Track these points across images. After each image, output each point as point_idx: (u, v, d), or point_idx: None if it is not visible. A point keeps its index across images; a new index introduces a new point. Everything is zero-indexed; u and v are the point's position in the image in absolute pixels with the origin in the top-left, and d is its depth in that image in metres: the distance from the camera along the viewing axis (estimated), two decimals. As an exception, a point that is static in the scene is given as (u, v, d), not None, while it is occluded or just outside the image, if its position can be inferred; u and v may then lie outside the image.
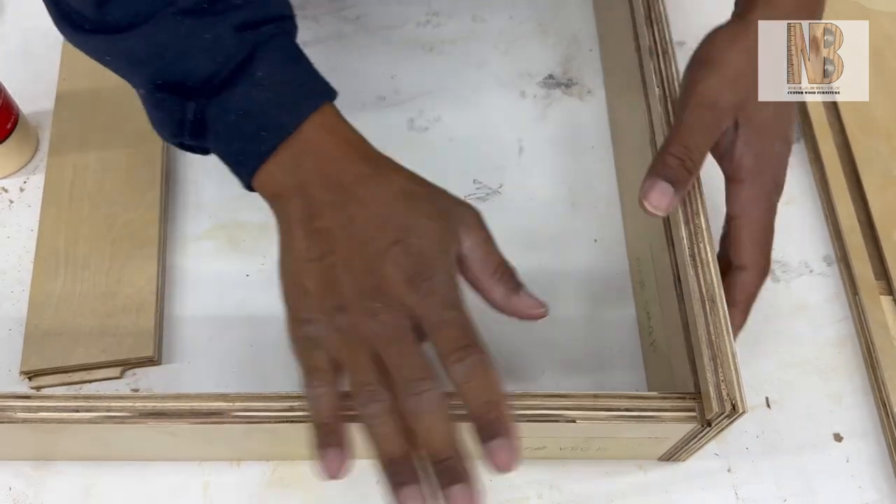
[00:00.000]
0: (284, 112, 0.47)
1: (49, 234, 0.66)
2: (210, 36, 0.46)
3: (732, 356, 0.48)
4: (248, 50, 0.47)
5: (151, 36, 0.47)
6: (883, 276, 0.64)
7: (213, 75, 0.47)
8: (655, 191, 0.50)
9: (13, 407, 0.48)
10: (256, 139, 0.47)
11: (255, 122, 0.47)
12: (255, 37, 0.47)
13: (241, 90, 0.47)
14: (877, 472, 0.59)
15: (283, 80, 0.48)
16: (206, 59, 0.46)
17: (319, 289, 0.46)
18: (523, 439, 0.52)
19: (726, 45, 0.54)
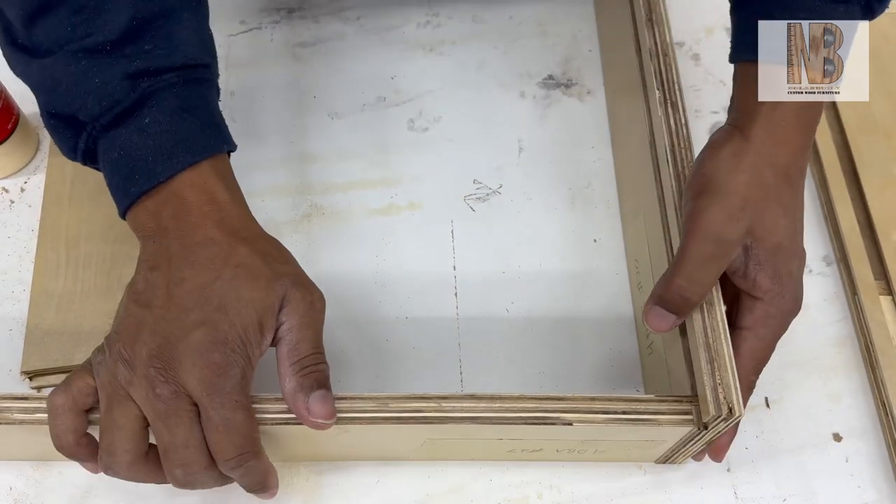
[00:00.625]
0: (160, 162, 0.48)
1: (50, 234, 0.66)
2: (98, 80, 0.47)
3: (729, 359, 0.48)
4: (138, 97, 0.48)
5: (48, 68, 0.48)
6: (882, 277, 0.64)
7: (100, 116, 0.48)
8: (656, 316, 0.50)
9: (10, 408, 0.49)
10: (130, 181, 0.49)
11: (132, 164, 0.48)
12: (150, 84, 0.48)
13: (126, 133, 0.48)
14: (876, 472, 0.59)
15: (167, 130, 0.48)
16: (93, 100, 0.48)
17: (124, 334, 0.47)
18: (520, 441, 0.53)
19: (730, 167, 0.51)
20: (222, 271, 0.47)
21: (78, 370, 0.48)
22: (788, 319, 0.53)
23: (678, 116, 0.56)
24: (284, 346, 0.48)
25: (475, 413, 0.48)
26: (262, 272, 0.47)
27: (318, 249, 0.67)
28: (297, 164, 0.71)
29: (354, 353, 0.63)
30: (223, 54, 0.76)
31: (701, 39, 0.77)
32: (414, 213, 0.69)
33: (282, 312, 0.48)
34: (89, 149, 0.50)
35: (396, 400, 0.48)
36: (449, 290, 0.65)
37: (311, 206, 0.69)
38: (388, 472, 0.58)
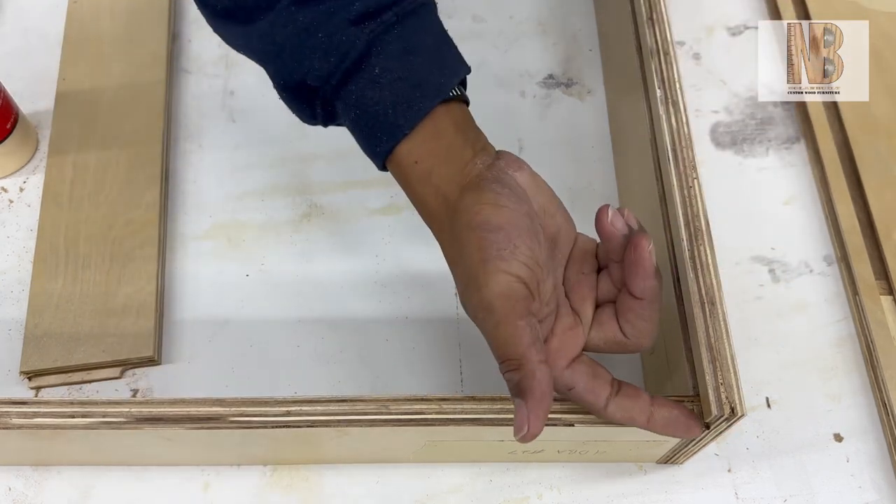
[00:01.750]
0: (400, 114, 0.46)
1: (49, 234, 0.66)
2: (322, 34, 0.45)
3: (731, 359, 0.48)
4: (364, 45, 0.45)
5: (269, 34, 0.46)
6: (883, 276, 0.64)
7: (330, 75, 0.46)
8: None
9: (9, 413, 0.48)
10: (374, 139, 0.47)
11: (372, 122, 0.47)
12: (371, 28, 0.45)
13: (357, 89, 0.46)
14: (877, 472, 0.59)
15: (400, 78, 0.46)
16: (320, 58, 0.46)
17: None
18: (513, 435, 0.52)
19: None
20: None
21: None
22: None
23: (679, 115, 0.56)
24: None
25: (476, 415, 0.48)
26: None
27: (318, 249, 0.67)
28: (297, 164, 0.71)
29: (354, 353, 0.63)
30: (223, 54, 0.76)
31: (701, 39, 0.77)
32: (414, 213, 0.68)
33: None
34: (328, 112, 0.49)
35: (397, 402, 0.48)
36: (449, 290, 0.65)
37: (311, 206, 0.69)
38: (388, 472, 0.58)
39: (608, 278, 0.49)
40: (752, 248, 0.67)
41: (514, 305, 0.44)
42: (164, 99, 0.72)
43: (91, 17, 0.76)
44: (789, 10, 0.76)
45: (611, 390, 0.47)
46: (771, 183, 0.70)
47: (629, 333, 0.48)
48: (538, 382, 0.43)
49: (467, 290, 0.45)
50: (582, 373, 0.47)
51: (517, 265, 0.44)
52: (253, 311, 0.64)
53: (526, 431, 0.43)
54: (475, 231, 0.45)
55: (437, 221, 0.48)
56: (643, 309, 0.47)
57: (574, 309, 0.49)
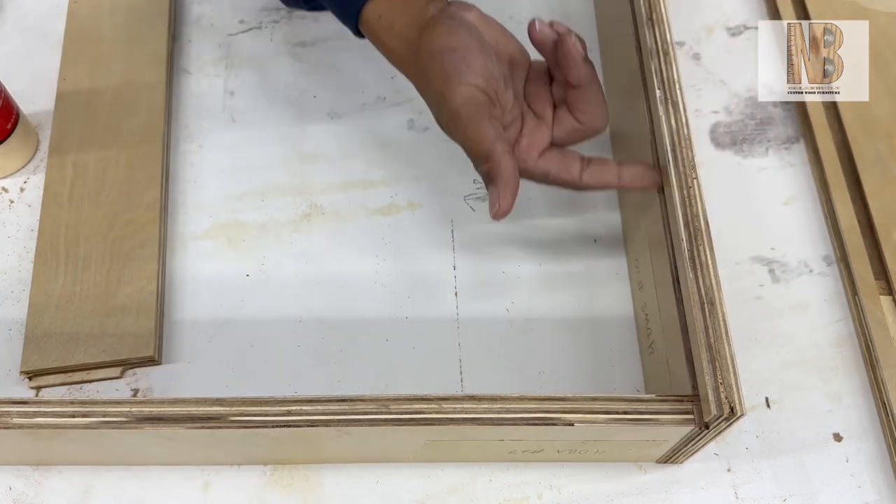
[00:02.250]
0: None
1: (49, 234, 0.66)
2: None
3: (731, 358, 0.48)
4: None
5: None
6: (882, 276, 0.64)
7: None
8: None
9: (9, 413, 0.48)
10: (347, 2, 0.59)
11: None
12: None
13: None
14: (876, 472, 0.59)
15: None
16: None
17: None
18: (521, 442, 0.53)
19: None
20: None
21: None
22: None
23: (679, 116, 0.56)
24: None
25: (476, 414, 0.48)
26: None
27: (318, 249, 0.67)
28: (297, 164, 0.71)
29: (354, 353, 0.63)
30: (223, 54, 0.76)
31: (701, 39, 0.77)
32: (414, 213, 0.69)
33: None
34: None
35: (397, 402, 0.48)
36: (449, 290, 0.65)
37: (311, 206, 0.69)
38: (388, 472, 0.58)
39: (557, 85, 0.58)
40: (751, 249, 0.67)
41: (477, 109, 0.53)
42: (165, 99, 0.72)
43: (91, 17, 0.76)
44: (789, 10, 0.76)
45: (581, 164, 0.56)
46: (770, 183, 0.70)
47: (583, 119, 0.57)
48: (504, 168, 0.52)
49: (438, 108, 0.55)
50: (553, 158, 0.56)
51: (474, 76, 0.53)
52: (253, 311, 0.64)
53: (498, 208, 0.52)
54: (435, 57, 0.54)
55: (406, 63, 0.57)
56: (586, 93, 0.56)
57: (536, 114, 0.58)
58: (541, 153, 0.56)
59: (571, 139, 0.58)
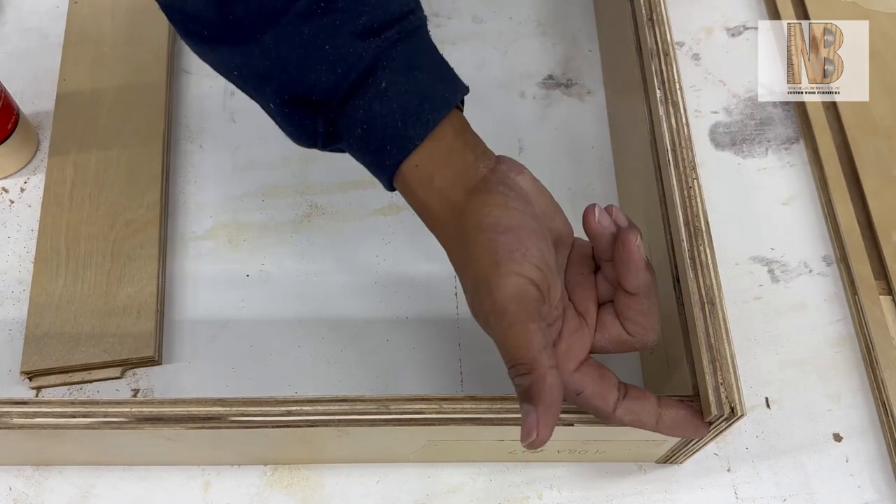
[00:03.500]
0: (410, 125, 0.45)
1: (50, 234, 0.66)
2: (329, 47, 0.45)
3: (731, 359, 0.48)
4: (371, 58, 0.45)
5: (273, 49, 0.45)
6: (882, 276, 0.64)
7: (336, 88, 0.45)
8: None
9: (10, 413, 0.48)
10: (383, 153, 0.46)
11: (380, 135, 0.46)
12: (377, 43, 0.45)
13: (364, 103, 0.45)
14: (876, 472, 0.59)
15: (407, 91, 0.45)
16: (327, 70, 0.45)
17: None
18: (520, 442, 0.52)
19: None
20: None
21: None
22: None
23: (678, 116, 0.56)
24: None
25: (476, 414, 0.48)
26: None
27: (318, 249, 0.67)
28: (297, 164, 0.71)
29: (354, 354, 0.63)
30: (223, 54, 0.76)
31: (701, 39, 0.77)
32: (414, 213, 0.68)
33: None
34: (329, 131, 0.47)
35: (397, 402, 0.48)
36: (449, 290, 0.65)
37: (311, 206, 0.69)
38: (388, 472, 0.58)
39: (604, 278, 0.49)
40: (751, 249, 0.67)
41: (527, 308, 0.43)
42: (165, 99, 0.72)
43: (92, 17, 0.76)
44: (789, 10, 0.76)
45: (618, 394, 0.47)
46: (770, 183, 0.70)
47: (632, 331, 0.48)
48: (549, 388, 0.42)
49: (477, 294, 0.45)
50: (590, 376, 0.47)
51: (529, 267, 0.44)
52: (253, 311, 0.64)
53: (535, 438, 0.42)
54: (485, 233, 0.44)
55: (441, 227, 0.47)
56: (640, 304, 0.47)
57: (579, 311, 0.49)
58: (578, 365, 0.47)
59: (614, 349, 0.49)
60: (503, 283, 0.43)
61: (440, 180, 0.46)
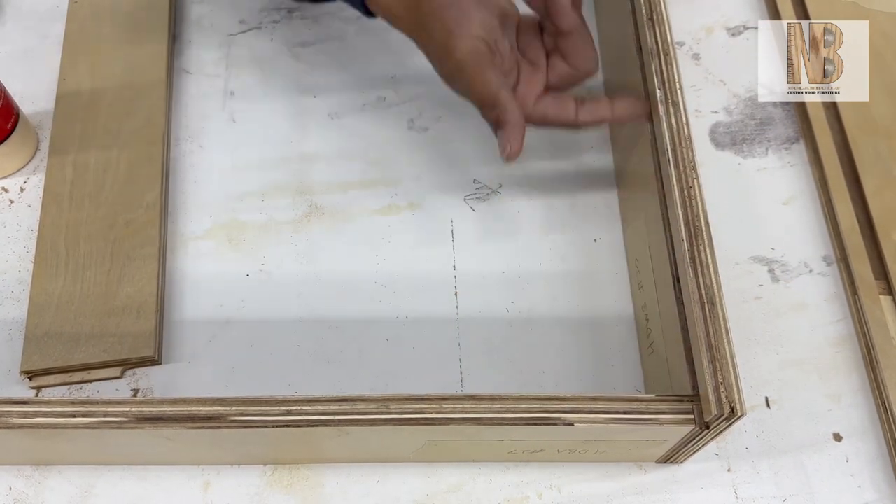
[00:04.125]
0: None
1: (49, 234, 0.66)
2: None
3: (731, 358, 0.48)
4: None
5: None
6: (882, 276, 0.64)
7: None
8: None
9: (10, 413, 0.48)
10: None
11: None
12: None
13: None
14: (876, 472, 0.59)
15: None
16: None
17: None
18: (521, 442, 0.53)
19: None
20: None
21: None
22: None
23: (679, 116, 0.56)
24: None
25: (476, 414, 0.48)
26: None
27: (318, 249, 0.67)
28: (297, 164, 0.71)
29: (354, 353, 0.63)
30: (223, 54, 0.76)
31: (701, 39, 0.77)
32: (414, 213, 0.69)
33: None
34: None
35: (397, 401, 0.48)
36: (449, 290, 0.65)
37: (311, 206, 0.69)
38: (388, 472, 0.58)
39: (548, 35, 0.60)
40: (751, 249, 0.67)
41: (481, 59, 0.56)
42: (165, 99, 0.72)
43: (91, 17, 0.76)
44: (789, 10, 0.76)
45: (577, 104, 0.59)
46: (770, 183, 0.70)
47: (575, 64, 0.60)
48: (511, 111, 0.56)
49: (441, 61, 0.58)
50: (549, 101, 0.59)
51: (476, 28, 0.56)
52: (253, 311, 0.64)
53: (509, 150, 0.57)
54: (435, 13, 0.57)
55: (405, 22, 0.59)
56: (576, 39, 0.59)
57: (530, 62, 0.61)
58: (537, 98, 0.59)
59: (565, 84, 0.60)
60: (459, 45, 0.56)
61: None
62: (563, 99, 0.60)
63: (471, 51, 0.56)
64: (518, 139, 0.56)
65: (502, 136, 0.57)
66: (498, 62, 0.57)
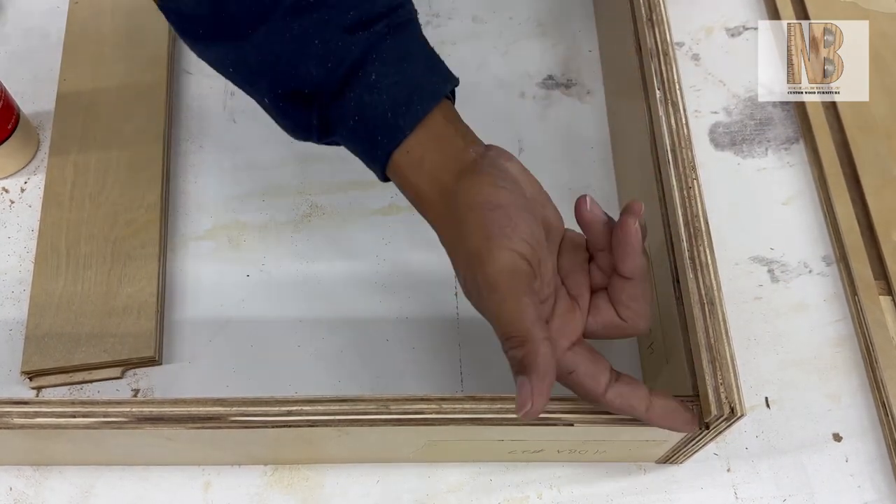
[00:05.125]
0: (399, 116, 0.47)
1: (50, 234, 0.66)
2: (318, 41, 0.46)
3: (731, 359, 0.48)
4: (360, 52, 0.46)
5: (265, 45, 0.47)
6: (882, 276, 0.64)
7: (327, 80, 0.47)
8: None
9: (10, 413, 0.48)
10: (375, 144, 0.48)
11: (372, 126, 0.47)
12: (366, 37, 0.47)
13: (355, 96, 0.47)
14: (876, 472, 0.59)
15: (397, 83, 0.47)
16: (317, 65, 0.47)
17: None
18: (521, 442, 0.53)
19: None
20: None
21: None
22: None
23: (678, 116, 0.56)
24: None
25: (476, 414, 0.48)
26: None
27: (318, 249, 0.67)
28: (297, 164, 0.71)
29: (354, 353, 0.63)
30: (223, 54, 0.76)
31: (701, 39, 0.77)
32: (414, 213, 0.68)
33: None
34: (323, 124, 0.49)
35: (397, 402, 0.48)
36: (449, 290, 0.65)
37: (311, 206, 0.69)
38: (388, 472, 0.58)
39: (597, 267, 0.50)
40: (751, 249, 0.67)
41: (519, 282, 0.44)
42: (165, 99, 0.72)
43: (92, 17, 0.76)
44: (789, 10, 0.76)
45: (610, 376, 0.47)
46: (770, 183, 0.70)
47: (625, 315, 0.49)
48: (542, 358, 0.43)
49: (470, 269, 0.46)
50: (582, 356, 0.47)
51: (519, 242, 0.45)
52: (253, 312, 0.64)
53: (529, 408, 0.43)
54: (475, 210, 0.46)
55: (433, 209, 0.49)
56: (635, 289, 0.48)
57: (571, 295, 0.50)
58: (571, 345, 0.48)
59: (607, 334, 0.50)
60: (495, 257, 0.44)
61: (430, 163, 0.48)
62: (598, 362, 0.48)
63: (508, 267, 0.44)
64: (545, 394, 0.43)
65: (523, 386, 0.43)
66: (537, 288, 0.46)
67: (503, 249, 0.44)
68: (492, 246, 0.45)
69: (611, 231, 0.48)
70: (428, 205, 0.49)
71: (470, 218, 0.46)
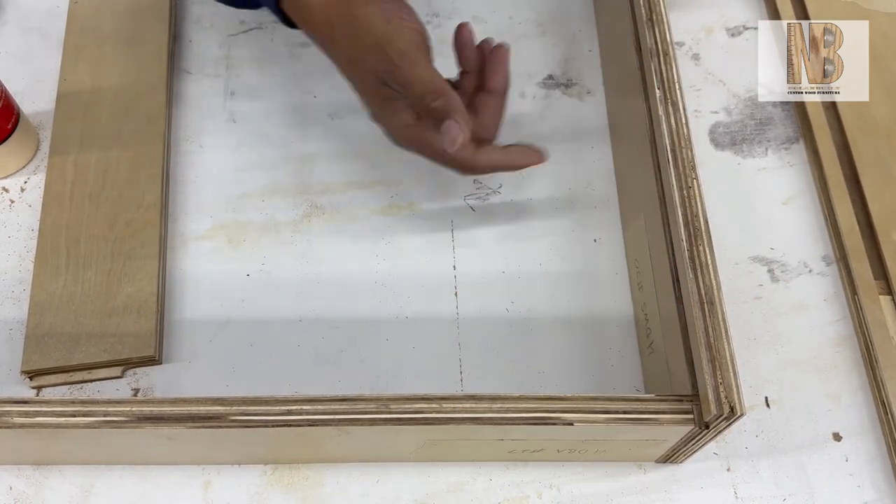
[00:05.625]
0: None
1: (50, 233, 0.66)
2: None
3: (731, 358, 0.48)
4: None
5: None
6: (882, 276, 0.64)
7: None
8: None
9: (10, 412, 0.48)
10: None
11: None
12: None
13: None
14: (876, 472, 0.59)
15: None
16: None
17: None
18: (520, 442, 0.53)
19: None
20: None
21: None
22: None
23: (678, 116, 0.56)
24: None
25: (476, 414, 0.48)
26: None
27: (318, 249, 0.67)
28: (297, 164, 0.71)
29: (354, 353, 0.63)
30: (223, 54, 0.76)
31: (701, 39, 0.77)
32: (414, 213, 0.69)
33: None
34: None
35: (397, 401, 0.48)
36: (449, 290, 0.65)
37: (311, 206, 0.69)
38: (388, 472, 0.58)
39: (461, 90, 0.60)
40: (751, 249, 0.67)
41: (424, 51, 0.56)
42: (165, 99, 0.72)
43: (92, 17, 0.76)
44: (789, 10, 0.76)
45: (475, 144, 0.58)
46: (770, 183, 0.70)
47: (481, 122, 0.59)
48: (458, 102, 0.56)
49: (380, 53, 0.56)
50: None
51: (414, 21, 0.57)
52: (253, 311, 0.64)
53: (462, 139, 0.54)
54: (373, 4, 0.56)
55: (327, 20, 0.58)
56: (495, 102, 0.59)
57: None
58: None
59: None
60: (400, 33, 0.55)
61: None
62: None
63: (414, 40, 0.56)
64: (467, 126, 0.55)
65: (453, 126, 0.55)
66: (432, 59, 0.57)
67: (404, 28, 0.56)
68: (394, 24, 0.55)
69: (481, 54, 0.61)
70: (321, 17, 0.58)
71: (369, 11, 0.56)
